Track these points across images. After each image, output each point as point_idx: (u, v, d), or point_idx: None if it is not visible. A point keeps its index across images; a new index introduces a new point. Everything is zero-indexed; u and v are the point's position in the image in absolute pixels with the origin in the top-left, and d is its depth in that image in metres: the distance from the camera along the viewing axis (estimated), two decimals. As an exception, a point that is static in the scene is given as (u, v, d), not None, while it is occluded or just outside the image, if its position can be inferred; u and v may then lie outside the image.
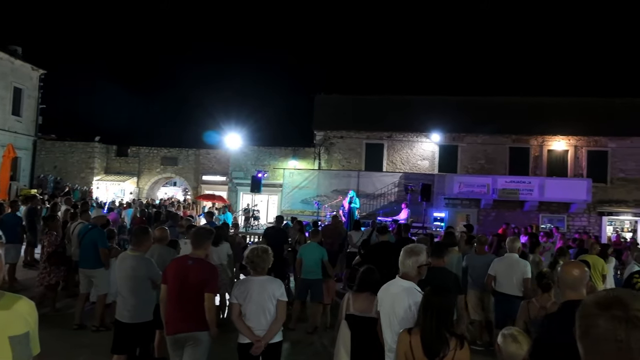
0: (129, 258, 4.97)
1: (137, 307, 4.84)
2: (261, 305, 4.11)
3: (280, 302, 4.17)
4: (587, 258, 8.28)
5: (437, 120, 22.21)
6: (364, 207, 20.92)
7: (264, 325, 4.11)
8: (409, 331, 3.17)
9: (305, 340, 7.50)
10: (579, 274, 2.99)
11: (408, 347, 3.10)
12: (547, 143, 22.17)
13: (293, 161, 24.26)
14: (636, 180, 21.39)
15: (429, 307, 3.12)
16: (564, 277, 3.03)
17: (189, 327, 4.20)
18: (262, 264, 4.22)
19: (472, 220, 20.71)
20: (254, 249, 4.32)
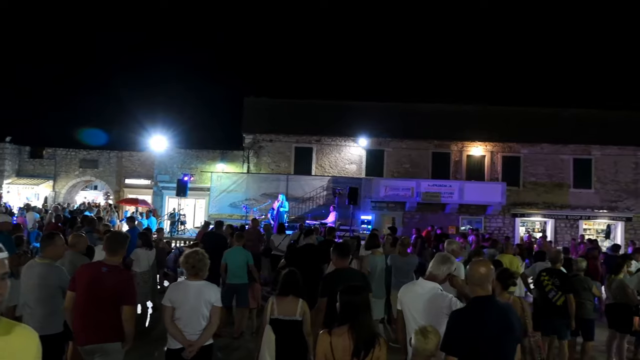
0: (37, 266, 4.67)
1: (46, 318, 4.55)
2: (197, 310, 4.05)
3: (216, 307, 4.14)
4: (503, 257, 8.79)
5: (364, 125, 22.75)
6: (293, 210, 20.97)
7: (198, 330, 4.06)
8: (329, 332, 3.21)
9: (231, 346, 7.42)
10: (485, 271, 3.18)
11: (328, 347, 3.14)
12: (467, 148, 23.35)
13: (221, 164, 23.88)
14: (545, 184, 23.04)
15: (359, 306, 3.16)
16: (472, 275, 3.21)
17: (99, 338, 4.03)
18: (204, 268, 4.17)
19: (397, 222, 21.40)
20: (194, 252, 4.25)
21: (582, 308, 6.98)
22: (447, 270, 3.88)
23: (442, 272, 3.86)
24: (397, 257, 8.01)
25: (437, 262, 3.90)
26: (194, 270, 4.13)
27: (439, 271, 3.86)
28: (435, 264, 3.90)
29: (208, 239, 9.66)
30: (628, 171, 22.92)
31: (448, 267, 3.88)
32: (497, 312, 3.12)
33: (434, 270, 3.89)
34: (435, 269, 3.88)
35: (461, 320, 3.09)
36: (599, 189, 22.95)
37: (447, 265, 3.87)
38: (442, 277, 3.87)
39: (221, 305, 4.24)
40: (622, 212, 22.72)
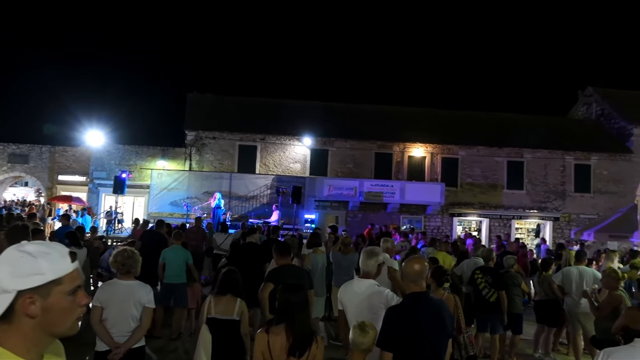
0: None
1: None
2: (126, 311, 3.93)
3: (147, 309, 4.02)
4: (437, 254, 9.11)
5: (309, 124, 22.84)
6: (237, 209, 20.76)
7: (127, 332, 3.93)
8: (267, 330, 3.20)
9: (168, 347, 7.24)
10: (419, 268, 3.28)
11: (266, 346, 3.13)
12: (408, 149, 23.95)
13: (162, 161, 23.21)
14: (481, 185, 24.03)
15: (296, 305, 3.17)
16: (407, 272, 3.30)
17: None
18: (135, 265, 4.05)
19: (340, 221, 21.64)
20: (123, 250, 4.13)
21: (512, 303, 7.34)
22: (375, 263, 3.98)
23: (372, 266, 3.97)
24: (339, 255, 8.10)
25: (365, 259, 4.01)
26: (124, 269, 4.01)
27: (370, 267, 3.96)
28: (364, 260, 4.01)
29: (147, 237, 9.38)
30: (556, 174, 24.33)
31: (375, 259, 3.99)
32: (430, 308, 3.22)
33: (365, 267, 3.99)
34: (366, 266, 3.98)
35: (396, 316, 3.18)
36: (530, 190, 24.22)
37: (374, 259, 3.98)
38: (374, 272, 3.97)
39: (153, 306, 4.13)
40: (550, 212, 24.09)
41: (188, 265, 7.62)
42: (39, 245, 1.40)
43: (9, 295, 1.33)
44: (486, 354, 7.27)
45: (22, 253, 1.36)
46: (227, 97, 26.31)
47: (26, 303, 1.35)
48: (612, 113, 26.52)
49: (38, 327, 1.37)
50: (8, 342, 1.35)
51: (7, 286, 1.33)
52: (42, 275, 1.36)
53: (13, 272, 1.34)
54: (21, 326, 1.36)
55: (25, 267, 1.34)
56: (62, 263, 1.40)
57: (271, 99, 26.73)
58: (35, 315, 1.36)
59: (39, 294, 1.36)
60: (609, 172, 24.42)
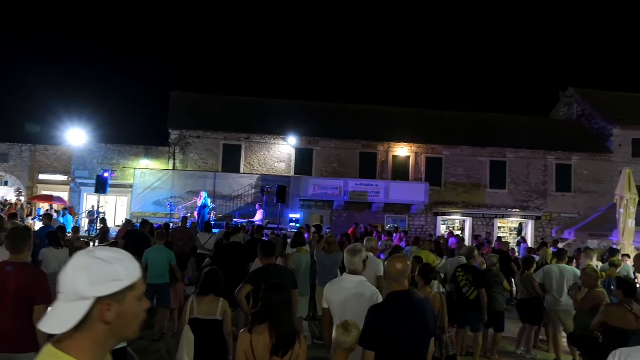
0: None
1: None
2: None
3: None
4: (420, 253, 9.17)
5: (294, 124, 22.82)
6: (221, 208, 20.65)
7: None
8: (250, 330, 3.20)
9: (150, 348, 7.18)
10: (401, 267, 3.30)
11: (249, 346, 3.12)
12: (393, 149, 24.06)
13: (145, 160, 22.97)
14: (464, 185, 24.25)
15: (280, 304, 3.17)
16: (389, 271, 3.32)
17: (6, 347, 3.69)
18: None
19: (325, 220, 21.67)
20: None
21: (494, 301, 7.42)
22: (360, 260, 4.01)
23: (357, 263, 3.99)
24: (323, 254, 8.10)
25: (350, 257, 4.03)
26: None
27: (356, 264, 3.98)
28: (349, 259, 4.02)
29: (129, 237, 9.29)
30: (538, 173, 24.65)
31: (360, 257, 4.02)
32: (412, 307, 3.24)
33: (351, 265, 4.01)
34: (351, 264, 4.00)
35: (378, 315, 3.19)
36: (512, 190, 24.51)
37: (358, 256, 4.01)
38: (361, 268, 3.99)
39: None
40: (532, 211, 24.40)
41: (171, 266, 7.56)
42: (108, 251, 1.40)
43: (87, 302, 1.32)
44: (469, 352, 7.34)
45: (97, 259, 1.36)
46: (211, 96, 26.17)
47: (104, 309, 1.34)
48: (593, 113, 26.96)
49: (109, 332, 1.37)
50: (75, 350, 1.33)
51: (86, 293, 1.32)
52: (121, 282, 1.36)
53: (91, 279, 1.32)
54: (93, 333, 1.35)
55: (103, 273, 1.34)
56: (134, 268, 1.42)
57: (256, 98, 26.65)
58: (111, 321, 1.35)
59: (115, 300, 1.35)
60: (589, 171, 24.83)
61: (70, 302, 1.33)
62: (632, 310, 5.11)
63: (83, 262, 1.35)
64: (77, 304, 1.32)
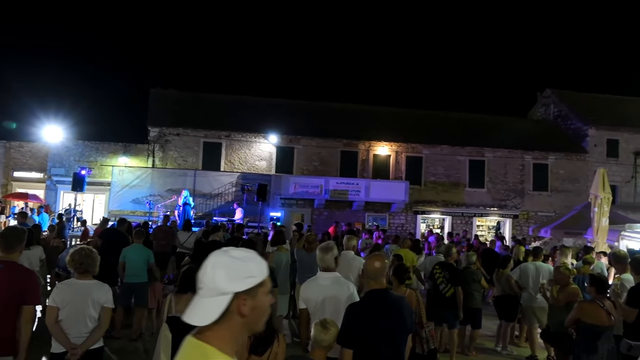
0: None
1: None
2: (83, 311, 3.83)
3: (106, 308, 3.94)
4: (400, 251, 9.26)
5: (274, 122, 22.75)
6: (201, 207, 20.51)
7: (84, 332, 3.84)
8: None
9: (128, 347, 7.11)
10: (379, 265, 3.33)
11: (226, 345, 3.12)
12: (373, 148, 24.17)
13: (124, 158, 22.66)
14: (444, 184, 24.50)
15: None
16: (367, 269, 3.34)
17: None
18: (93, 264, 3.94)
19: (306, 219, 21.66)
20: (80, 249, 4.02)
21: (471, 298, 7.53)
22: (332, 257, 4.05)
23: (329, 261, 4.02)
24: (302, 253, 8.12)
25: (322, 255, 4.06)
26: (82, 268, 3.90)
27: (328, 262, 4.01)
28: (321, 257, 4.06)
29: (107, 236, 9.16)
30: (515, 172, 25.04)
31: (332, 254, 4.05)
32: (390, 305, 3.27)
33: (323, 262, 4.04)
34: (323, 262, 4.02)
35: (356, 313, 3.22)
36: (491, 189, 24.85)
37: (330, 254, 4.04)
38: (333, 265, 4.02)
39: (112, 306, 4.05)
40: (510, 209, 24.79)
41: (149, 264, 7.49)
42: (241, 251, 1.56)
43: (227, 297, 1.48)
44: (446, 349, 7.42)
45: (232, 258, 1.52)
46: (191, 93, 25.94)
47: (240, 303, 1.49)
48: (569, 114, 27.50)
49: (244, 325, 1.53)
50: (215, 340, 1.48)
51: (225, 288, 1.47)
52: (254, 278, 1.51)
53: (229, 276, 1.48)
54: (231, 324, 1.50)
55: (239, 271, 1.49)
56: (263, 266, 1.57)
57: (237, 95, 26.52)
58: (247, 314, 1.50)
59: (250, 295, 1.51)
60: (565, 171, 25.31)
61: (211, 297, 1.47)
62: (604, 306, 5.24)
63: (221, 261, 1.51)
64: (217, 298, 1.47)
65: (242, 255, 1.53)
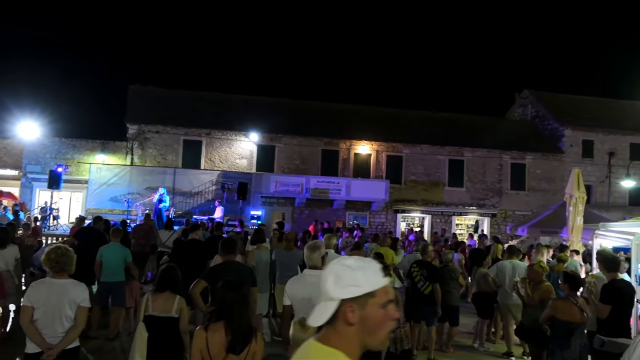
0: None
1: None
2: (59, 311, 3.77)
3: (82, 308, 3.89)
4: (380, 250, 9.32)
5: (255, 120, 22.66)
6: (180, 205, 20.33)
7: (60, 332, 3.78)
8: (206, 328, 3.18)
9: (105, 347, 7.03)
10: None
11: (204, 343, 3.11)
12: (354, 147, 24.26)
13: (102, 155, 22.31)
14: (424, 182, 24.71)
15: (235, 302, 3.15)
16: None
17: None
18: (69, 263, 3.89)
19: (286, 218, 21.65)
20: (56, 247, 3.96)
21: (449, 296, 7.62)
22: (319, 256, 4.07)
23: (316, 259, 4.03)
24: (283, 252, 8.11)
25: (309, 253, 4.07)
26: (58, 267, 3.85)
27: (315, 260, 4.03)
28: (308, 255, 4.06)
29: (83, 234, 9.02)
30: (494, 172, 25.40)
31: (319, 252, 4.08)
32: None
33: (310, 261, 4.05)
34: (311, 260, 4.04)
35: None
36: (470, 188, 25.15)
37: (317, 252, 4.06)
38: (320, 264, 4.04)
39: (89, 305, 3.99)
40: (488, 208, 25.12)
41: (127, 263, 7.40)
42: (357, 260, 1.58)
43: (334, 302, 1.53)
44: (425, 346, 7.50)
45: (343, 266, 1.55)
46: (171, 91, 25.67)
47: (347, 311, 1.52)
48: (546, 115, 28.00)
49: (356, 334, 1.54)
50: (329, 342, 1.55)
51: (333, 295, 1.53)
52: (359, 287, 1.52)
53: (336, 283, 1.53)
54: (341, 330, 1.54)
55: (345, 278, 1.53)
56: (375, 277, 1.56)
57: (218, 93, 26.34)
58: (353, 322, 1.53)
59: (357, 303, 1.53)
60: (542, 171, 25.76)
61: (323, 302, 1.56)
62: (577, 303, 5.36)
63: (332, 268, 1.57)
64: (327, 303, 1.54)
65: (353, 264, 1.55)
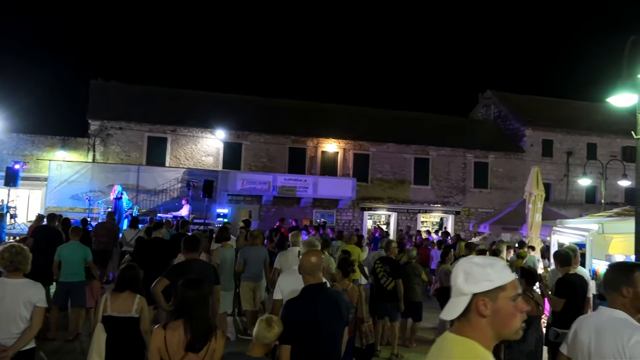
0: None
1: None
2: (13, 311, 3.65)
3: (38, 308, 3.77)
4: (347, 247, 9.41)
5: (222, 117, 22.44)
6: (145, 203, 19.96)
7: (15, 333, 3.66)
8: (164, 326, 3.15)
9: (64, 349, 6.85)
10: (316, 261, 3.38)
11: (162, 342, 3.07)
12: (321, 145, 24.32)
13: (62, 152, 21.66)
14: (390, 181, 25.00)
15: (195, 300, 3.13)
16: (304, 265, 3.38)
17: None
18: (24, 262, 3.78)
19: (253, 216, 21.55)
20: (10, 246, 3.85)
21: (412, 292, 7.76)
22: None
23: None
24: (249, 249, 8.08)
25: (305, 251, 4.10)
26: (12, 266, 3.73)
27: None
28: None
29: (39, 233, 8.75)
30: (458, 170, 25.92)
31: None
32: (326, 299, 3.33)
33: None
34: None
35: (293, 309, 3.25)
36: (435, 186, 25.60)
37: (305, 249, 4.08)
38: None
39: (45, 305, 3.89)
40: (452, 206, 25.63)
41: (87, 262, 7.23)
42: (484, 258, 1.75)
43: (466, 297, 1.68)
44: (389, 342, 7.60)
45: (472, 264, 1.71)
46: (135, 86, 25.13)
47: (479, 304, 1.67)
48: (508, 115, 28.75)
49: (489, 326, 1.68)
50: (473, 335, 1.68)
51: (465, 290, 1.68)
52: (491, 282, 1.67)
53: (466, 279, 1.68)
54: (475, 324, 1.69)
55: (476, 274, 1.68)
56: (504, 272, 1.70)
57: (183, 89, 25.93)
58: (486, 315, 1.67)
59: (489, 297, 1.67)
60: (504, 169, 26.44)
61: (456, 297, 1.71)
62: (533, 297, 5.54)
63: (462, 265, 1.72)
64: (459, 298, 1.70)
65: (481, 261, 1.71)
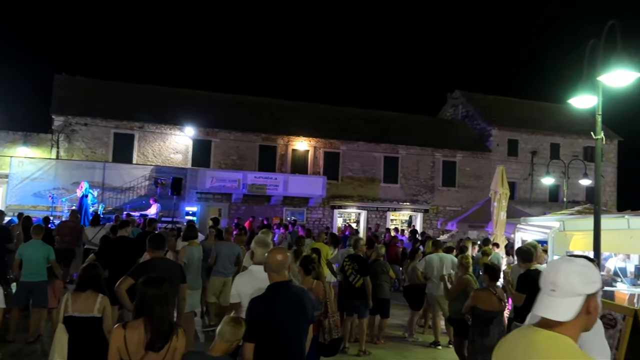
0: None
1: None
2: None
3: None
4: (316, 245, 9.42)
5: (191, 114, 22.17)
6: (111, 201, 19.55)
7: None
8: (124, 325, 3.10)
9: (24, 351, 6.66)
10: (282, 258, 3.39)
11: (122, 342, 3.02)
12: (292, 143, 24.30)
13: (24, 148, 21.01)
14: (360, 179, 25.18)
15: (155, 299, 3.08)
16: (269, 262, 3.39)
17: None
18: None
19: (223, 214, 21.36)
20: None
21: (380, 289, 7.84)
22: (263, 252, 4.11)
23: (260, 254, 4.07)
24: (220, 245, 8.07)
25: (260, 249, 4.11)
26: None
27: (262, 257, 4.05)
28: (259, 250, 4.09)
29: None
30: (427, 169, 26.31)
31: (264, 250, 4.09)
32: (291, 297, 3.34)
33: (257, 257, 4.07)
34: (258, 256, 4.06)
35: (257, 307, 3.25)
36: (404, 184, 25.91)
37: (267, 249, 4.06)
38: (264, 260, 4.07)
39: (3, 306, 3.78)
40: (421, 204, 25.99)
41: (49, 262, 7.04)
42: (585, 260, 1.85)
43: (580, 297, 1.78)
44: (357, 338, 7.67)
45: (582, 266, 1.81)
46: (101, 81, 24.53)
47: (590, 303, 1.80)
48: (475, 115, 29.33)
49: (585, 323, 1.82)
50: (564, 332, 1.77)
51: (581, 291, 1.78)
52: (597, 283, 1.82)
53: (583, 281, 1.78)
54: (578, 320, 1.78)
55: (589, 276, 1.80)
56: (599, 273, 1.87)
57: (151, 85, 25.47)
58: (592, 312, 1.81)
59: (595, 296, 1.82)
60: (471, 168, 26.97)
61: (568, 298, 1.77)
62: (496, 293, 5.69)
63: (572, 268, 1.80)
64: (574, 299, 1.77)
65: (587, 264, 1.83)
